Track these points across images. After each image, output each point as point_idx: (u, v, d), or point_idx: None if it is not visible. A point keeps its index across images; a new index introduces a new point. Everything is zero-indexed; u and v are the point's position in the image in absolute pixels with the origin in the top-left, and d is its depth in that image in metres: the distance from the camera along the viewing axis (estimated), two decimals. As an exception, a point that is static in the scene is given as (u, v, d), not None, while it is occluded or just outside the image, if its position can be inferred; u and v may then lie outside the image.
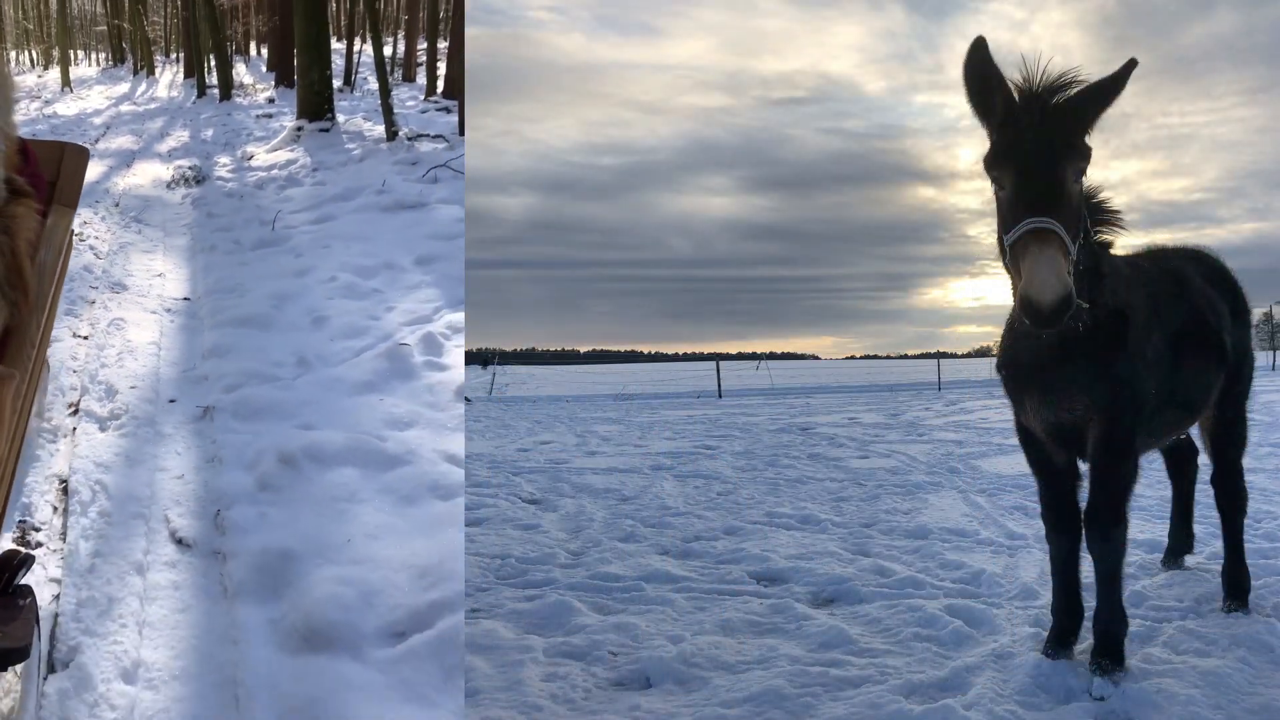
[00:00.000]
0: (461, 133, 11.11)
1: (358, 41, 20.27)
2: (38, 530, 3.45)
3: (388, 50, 20.73)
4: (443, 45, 17.92)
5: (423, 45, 19.95)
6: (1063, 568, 3.31)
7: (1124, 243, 3.25)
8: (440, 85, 17.52)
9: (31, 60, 32.20)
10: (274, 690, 2.58)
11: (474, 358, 32.91)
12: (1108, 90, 2.79)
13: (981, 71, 2.79)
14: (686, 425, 12.83)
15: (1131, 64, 2.81)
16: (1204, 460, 4.11)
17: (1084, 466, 3.25)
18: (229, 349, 5.31)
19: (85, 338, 5.56)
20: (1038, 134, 2.72)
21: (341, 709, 2.47)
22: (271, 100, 18.12)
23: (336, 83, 16.06)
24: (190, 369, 5.22)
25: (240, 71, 23.14)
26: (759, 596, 4.08)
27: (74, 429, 4.30)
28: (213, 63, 19.81)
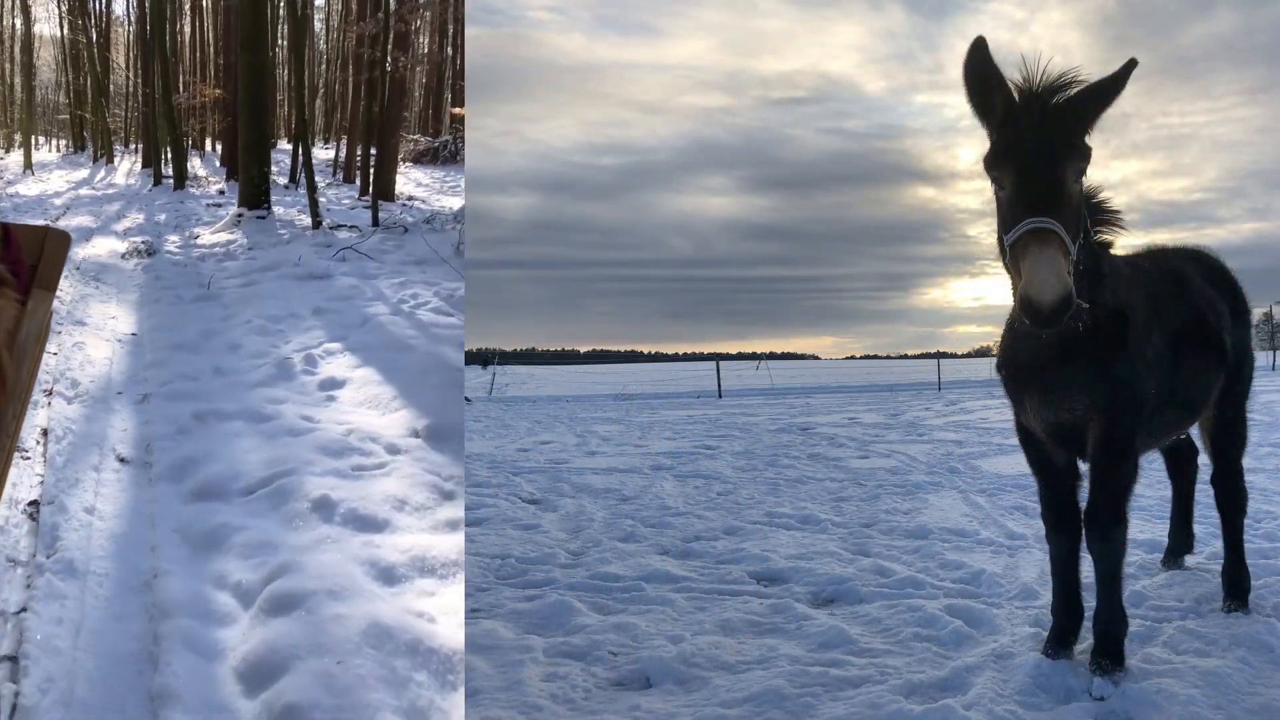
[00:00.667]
0: (375, 224, 13.89)
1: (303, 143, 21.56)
2: (26, 450, 4.87)
3: (330, 154, 22.80)
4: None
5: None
6: (1063, 568, 3.31)
7: (1124, 243, 3.25)
8: (371, 188, 18.91)
9: (-7, 142, 32.73)
10: (174, 518, 4.28)
11: (474, 358, 32.95)
12: (1108, 90, 2.79)
13: (981, 71, 2.79)
14: (686, 425, 12.83)
15: (1131, 64, 2.81)
16: (1204, 460, 4.11)
17: (1084, 466, 3.25)
18: (164, 363, 7.14)
19: (54, 353, 7.13)
20: (1038, 134, 2.72)
21: (209, 522, 4.14)
22: (222, 192, 19.36)
23: (282, 180, 18.88)
24: (134, 375, 6.91)
25: (195, 164, 24.52)
26: (759, 596, 4.08)
27: (49, 402, 5.91)
28: (169, 155, 20.84)
